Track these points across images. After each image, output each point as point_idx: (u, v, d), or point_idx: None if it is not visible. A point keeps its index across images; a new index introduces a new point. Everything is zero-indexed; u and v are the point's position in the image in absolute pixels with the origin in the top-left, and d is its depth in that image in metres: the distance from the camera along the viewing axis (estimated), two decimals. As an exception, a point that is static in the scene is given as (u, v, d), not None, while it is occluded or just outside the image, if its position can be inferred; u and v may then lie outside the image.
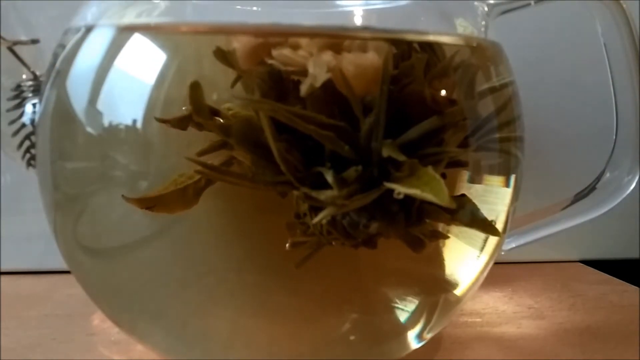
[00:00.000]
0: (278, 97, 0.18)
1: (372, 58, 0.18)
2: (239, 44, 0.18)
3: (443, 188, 0.17)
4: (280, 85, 0.18)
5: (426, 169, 0.17)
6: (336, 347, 0.22)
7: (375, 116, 0.18)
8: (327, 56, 0.18)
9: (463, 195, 0.20)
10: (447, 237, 0.21)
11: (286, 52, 0.18)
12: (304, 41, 0.18)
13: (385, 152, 0.17)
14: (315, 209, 0.18)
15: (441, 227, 0.20)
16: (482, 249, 0.23)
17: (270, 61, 0.18)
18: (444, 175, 0.19)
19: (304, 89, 0.17)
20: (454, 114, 0.20)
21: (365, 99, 0.18)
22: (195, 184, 0.19)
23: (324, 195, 0.17)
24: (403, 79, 0.19)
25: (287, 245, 0.19)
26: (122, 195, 0.19)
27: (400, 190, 0.17)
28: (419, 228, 0.19)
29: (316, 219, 0.18)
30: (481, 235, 0.22)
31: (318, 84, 0.17)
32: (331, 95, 0.18)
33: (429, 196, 0.16)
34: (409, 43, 0.20)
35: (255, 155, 0.18)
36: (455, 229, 0.20)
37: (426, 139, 0.18)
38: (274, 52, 0.18)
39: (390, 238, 0.19)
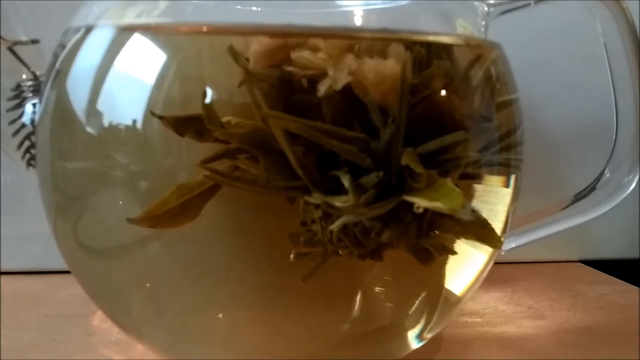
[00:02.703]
0: (286, 102, 0.18)
1: (392, 66, 0.18)
2: (257, 45, 0.18)
3: (462, 200, 0.17)
4: (289, 90, 0.18)
5: (445, 180, 0.17)
6: (336, 347, 0.22)
7: (395, 127, 0.17)
8: (349, 60, 0.18)
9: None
10: (456, 253, 0.21)
11: (305, 54, 0.18)
12: (322, 43, 0.18)
13: (404, 161, 0.17)
14: (328, 215, 0.18)
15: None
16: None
17: (288, 68, 0.18)
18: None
19: (322, 89, 0.17)
20: (488, 130, 0.20)
21: (382, 105, 0.18)
22: (197, 196, 0.19)
23: (339, 201, 0.17)
24: (423, 90, 0.19)
25: (291, 257, 0.19)
26: (127, 219, 0.19)
27: (421, 204, 0.17)
28: (429, 240, 0.19)
29: (334, 225, 0.18)
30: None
31: (338, 87, 0.17)
32: (347, 98, 0.18)
33: (447, 209, 0.16)
34: (429, 47, 0.20)
35: (268, 160, 0.18)
36: (447, 222, 0.20)
37: (444, 148, 0.18)
38: (293, 55, 0.18)
39: (399, 249, 0.19)
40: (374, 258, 0.19)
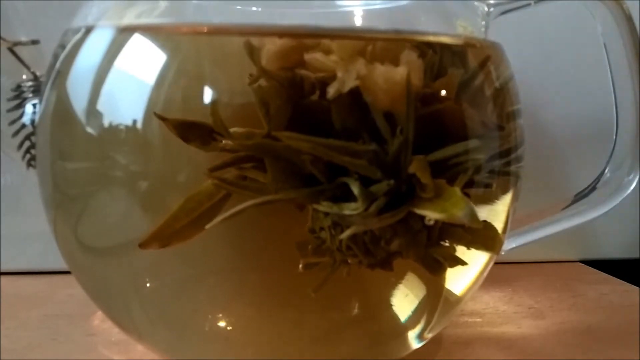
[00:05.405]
0: (296, 105, 0.18)
1: (402, 73, 0.18)
2: (271, 45, 0.18)
3: (472, 210, 0.17)
4: (299, 93, 0.18)
5: (454, 189, 0.17)
6: (337, 347, 0.22)
7: (403, 137, 0.18)
8: (359, 64, 0.18)
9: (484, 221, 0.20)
10: (466, 264, 0.20)
11: (318, 56, 0.18)
12: (335, 45, 0.18)
13: (412, 169, 0.17)
14: (337, 224, 0.18)
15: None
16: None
17: (301, 71, 0.18)
18: (466, 195, 0.19)
19: (331, 91, 0.17)
20: (503, 138, 0.20)
21: (392, 112, 0.18)
22: (207, 209, 0.18)
23: (348, 208, 0.17)
24: (436, 99, 0.19)
25: (300, 266, 0.19)
26: (139, 244, 0.19)
27: (431, 216, 0.17)
28: (439, 250, 0.19)
29: (343, 234, 0.18)
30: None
31: (345, 89, 0.17)
32: (358, 103, 0.18)
33: (457, 219, 0.16)
34: (442, 52, 0.20)
35: (276, 168, 0.18)
36: (457, 231, 0.20)
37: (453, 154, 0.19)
38: (307, 56, 0.18)
39: (409, 259, 0.19)
40: (384, 268, 0.19)
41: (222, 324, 0.22)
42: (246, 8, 0.21)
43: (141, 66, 0.20)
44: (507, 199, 0.23)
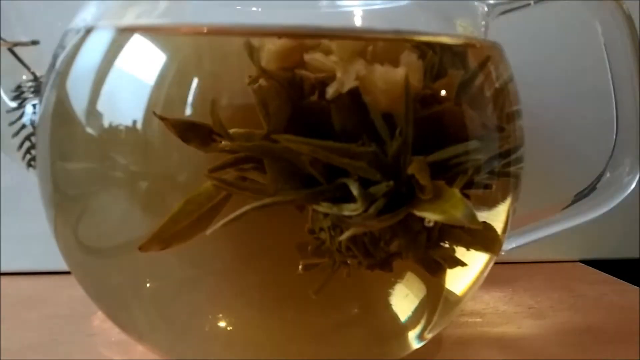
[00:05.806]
0: (295, 105, 0.18)
1: (401, 74, 0.18)
2: (272, 45, 0.18)
3: (472, 211, 0.17)
4: (299, 93, 0.18)
5: (453, 190, 0.17)
6: (337, 347, 0.22)
7: (402, 139, 0.18)
8: (359, 64, 0.18)
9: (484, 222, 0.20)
10: (466, 265, 0.20)
11: (318, 56, 0.18)
12: (335, 46, 0.18)
13: (411, 170, 0.17)
14: (337, 225, 0.18)
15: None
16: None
17: (301, 72, 0.18)
18: (466, 196, 0.19)
19: (330, 91, 0.17)
20: (503, 139, 0.20)
21: (391, 112, 0.18)
22: (207, 211, 0.18)
23: (347, 209, 0.17)
24: (436, 101, 0.19)
25: (299, 267, 0.19)
26: (139, 248, 0.19)
27: (431, 217, 0.17)
28: (438, 251, 0.19)
29: (343, 236, 0.18)
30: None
31: (344, 90, 0.17)
32: (358, 104, 0.18)
33: (457, 221, 0.16)
34: (442, 53, 0.20)
35: (276, 169, 0.18)
36: (457, 232, 0.20)
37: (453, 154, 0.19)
38: (306, 57, 0.18)
39: (408, 260, 0.19)
40: (383, 269, 0.19)
41: (222, 324, 0.22)
42: (246, 8, 0.21)
43: (141, 66, 0.20)
44: (507, 199, 0.23)
